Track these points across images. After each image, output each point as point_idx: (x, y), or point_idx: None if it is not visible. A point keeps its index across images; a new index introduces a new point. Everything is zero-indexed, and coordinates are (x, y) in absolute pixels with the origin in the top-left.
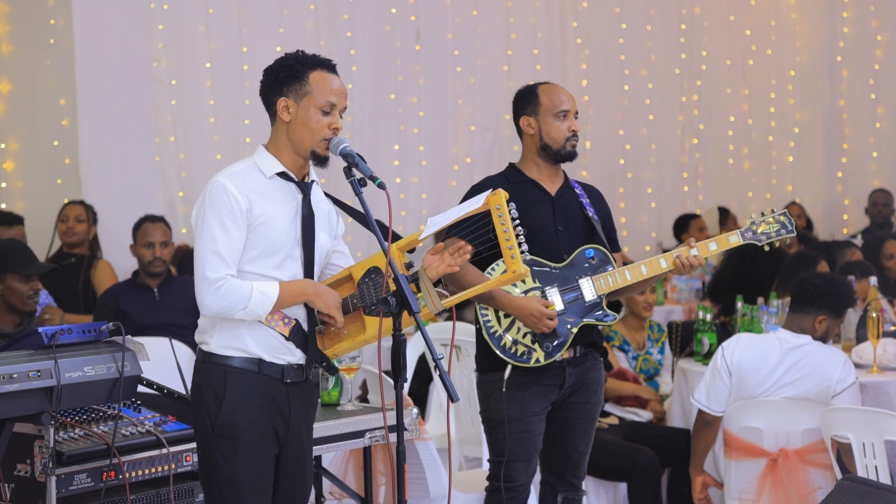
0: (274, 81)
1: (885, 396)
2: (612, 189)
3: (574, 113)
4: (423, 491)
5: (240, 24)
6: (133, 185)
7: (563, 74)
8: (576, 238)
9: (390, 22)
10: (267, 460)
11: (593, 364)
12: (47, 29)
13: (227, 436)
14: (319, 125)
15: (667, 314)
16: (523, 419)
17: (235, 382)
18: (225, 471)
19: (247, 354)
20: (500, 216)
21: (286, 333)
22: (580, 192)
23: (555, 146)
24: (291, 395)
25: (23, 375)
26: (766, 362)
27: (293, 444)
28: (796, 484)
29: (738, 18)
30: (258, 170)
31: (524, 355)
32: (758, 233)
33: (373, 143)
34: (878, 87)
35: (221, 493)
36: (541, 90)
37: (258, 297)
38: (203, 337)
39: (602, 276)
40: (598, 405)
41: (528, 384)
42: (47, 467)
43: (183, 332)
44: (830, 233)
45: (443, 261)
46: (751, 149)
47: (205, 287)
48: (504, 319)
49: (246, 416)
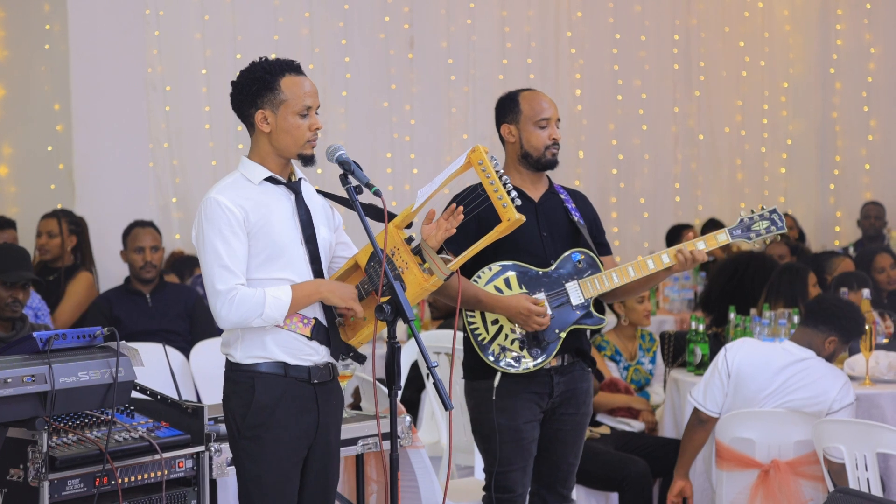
0: (246, 95)
1: (877, 409)
2: (605, 198)
3: (556, 121)
4: (416, 499)
5: (235, 31)
6: (127, 191)
7: (557, 84)
8: (561, 243)
9: (384, 30)
10: (294, 463)
11: (581, 374)
12: (42, 34)
13: (253, 437)
14: (300, 130)
15: (659, 324)
16: (516, 427)
17: (263, 385)
18: (251, 470)
19: (272, 359)
20: (484, 170)
21: (308, 334)
22: (565, 198)
23: (535, 154)
24: (319, 395)
25: (17, 380)
26: (767, 370)
27: (321, 445)
28: (788, 495)
29: (733, 30)
30: (246, 179)
31: (513, 362)
32: (748, 230)
33: (365, 151)
34: (871, 100)
35: (247, 493)
36: (522, 98)
37: (272, 301)
38: (228, 349)
39: (589, 279)
40: (587, 416)
41: (517, 392)
42: (40, 472)
43: (175, 337)
44: (823, 244)
45: (439, 227)
46: (743, 160)
47: (218, 300)
48: (492, 327)
49: (272, 418)
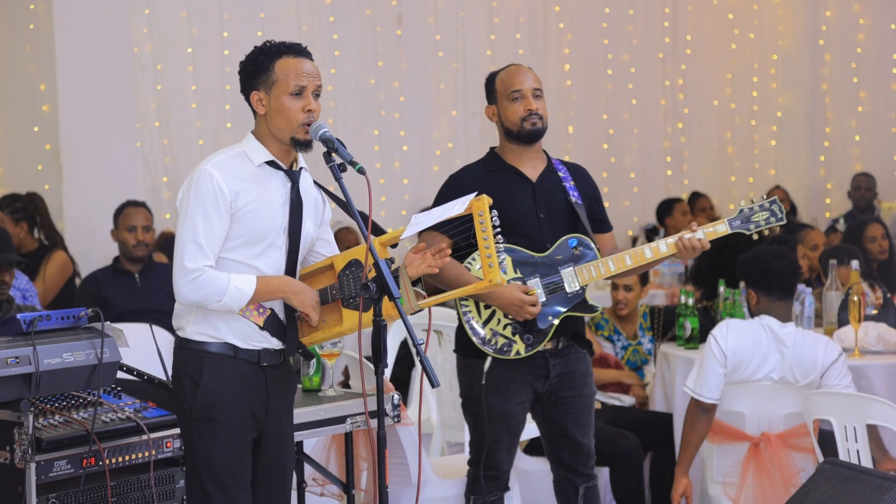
0: (246, 77)
1: (866, 380)
2: (595, 174)
3: (532, 91)
4: (405, 476)
5: (221, 9)
6: (114, 171)
7: (546, 59)
8: (558, 226)
9: (372, 6)
10: (245, 444)
11: (577, 357)
12: (27, 14)
13: (205, 419)
14: (293, 111)
15: (649, 299)
16: (507, 410)
17: (211, 367)
18: (203, 454)
19: (222, 340)
20: (482, 223)
21: (260, 323)
22: (564, 175)
23: (513, 128)
24: (269, 378)
25: (1, 362)
26: (759, 348)
27: (272, 428)
28: (779, 467)
29: (721, 2)
30: (246, 157)
31: (504, 347)
32: (747, 221)
33: (355, 129)
34: (860, 71)
35: (199, 477)
36: (498, 76)
37: (233, 292)
38: (179, 322)
39: (585, 266)
40: (591, 397)
41: (510, 374)
42: (27, 454)
43: (164, 317)
44: (813, 217)
45: (423, 261)
46: (733, 133)
47: (182, 276)
48: (484, 311)
49: (222, 400)
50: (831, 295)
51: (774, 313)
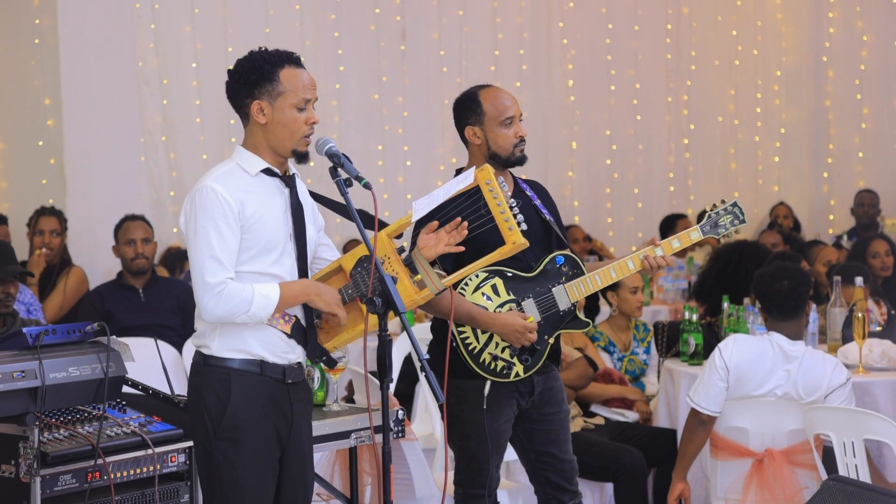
0: (244, 84)
1: (870, 397)
2: (599, 189)
3: (519, 116)
4: (410, 491)
5: (225, 25)
6: (119, 186)
7: (550, 74)
8: (536, 245)
9: (376, 22)
10: (271, 463)
11: (555, 374)
12: (32, 29)
13: (230, 439)
14: (297, 123)
15: (653, 314)
16: (499, 428)
17: (239, 385)
18: (228, 474)
19: (249, 356)
20: (492, 191)
21: (288, 331)
22: (531, 195)
23: (504, 154)
24: (293, 395)
25: (7, 376)
26: (763, 364)
27: (295, 445)
28: (782, 484)
29: (725, 19)
30: (242, 169)
31: (504, 370)
32: (716, 226)
33: (358, 143)
34: (863, 88)
35: (224, 497)
36: (482, 97)
37: (260, 300)
38: (203, 341)
39: (574, 283)
40: (568, 412)
41: (502, 394)
42: (32, 468)
43: (168, 332)
44: (816, 233)
45: (440, 240)
46: (737, 149)
47: (206, 293)
48: (482, 335)
49: (249, 419)
50: (836, 311)
51: (783, 331)
